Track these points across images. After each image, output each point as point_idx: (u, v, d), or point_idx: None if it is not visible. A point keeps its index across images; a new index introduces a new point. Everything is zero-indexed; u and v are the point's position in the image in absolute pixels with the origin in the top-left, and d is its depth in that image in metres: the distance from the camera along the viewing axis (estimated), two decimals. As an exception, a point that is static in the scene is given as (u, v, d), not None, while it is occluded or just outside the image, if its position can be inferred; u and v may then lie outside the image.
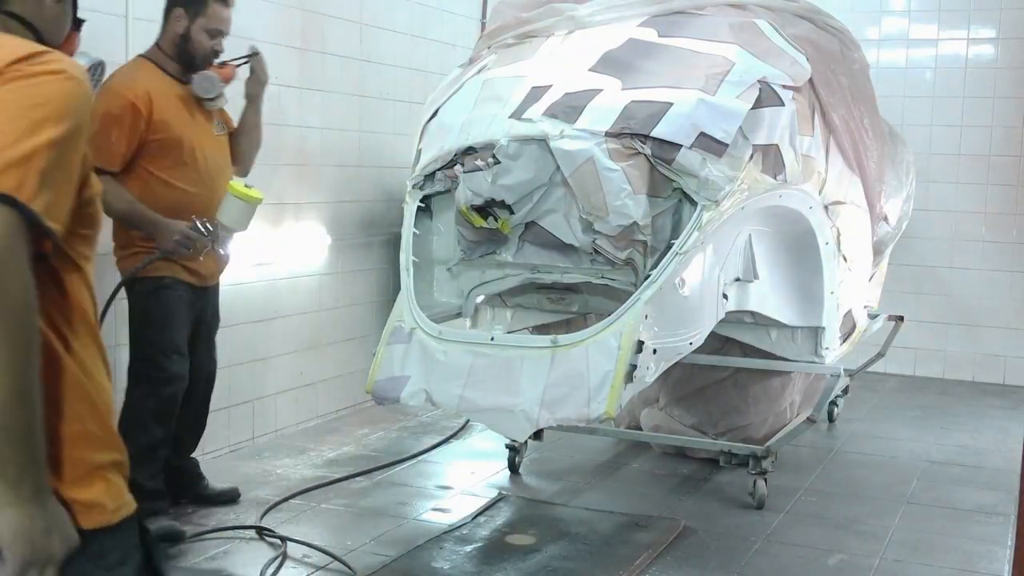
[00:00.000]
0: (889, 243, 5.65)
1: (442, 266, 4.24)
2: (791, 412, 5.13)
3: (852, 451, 5.35)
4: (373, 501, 4.45)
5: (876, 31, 7.16)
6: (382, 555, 3.84)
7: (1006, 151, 6.89)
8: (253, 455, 5.05)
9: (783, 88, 3.98)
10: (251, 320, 5.17)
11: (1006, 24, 6.87)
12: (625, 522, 4.22)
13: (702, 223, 3.63)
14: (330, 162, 5.68)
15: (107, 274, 3.88)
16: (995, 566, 3.87)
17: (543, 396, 3.43)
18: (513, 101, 3.88)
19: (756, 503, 4.42)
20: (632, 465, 5.04)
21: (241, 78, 4.27)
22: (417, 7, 6.38)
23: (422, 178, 4.05)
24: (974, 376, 7.06)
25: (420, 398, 3.62)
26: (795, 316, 4.56)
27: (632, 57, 3.96)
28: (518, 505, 4.42)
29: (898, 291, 6.98)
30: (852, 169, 4.72)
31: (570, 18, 4.31)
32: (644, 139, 3.62)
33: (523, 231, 4.03)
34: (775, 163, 3.97)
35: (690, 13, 4.24)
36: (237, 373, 5.09)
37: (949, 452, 5.38)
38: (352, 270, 5.92)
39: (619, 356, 3.39)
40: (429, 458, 5.10)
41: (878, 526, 4.25)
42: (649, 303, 3.51)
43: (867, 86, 5.03)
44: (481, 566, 3.78)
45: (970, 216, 7.01)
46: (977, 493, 4.71)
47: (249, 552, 3.86)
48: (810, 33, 4.50)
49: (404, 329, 3.74)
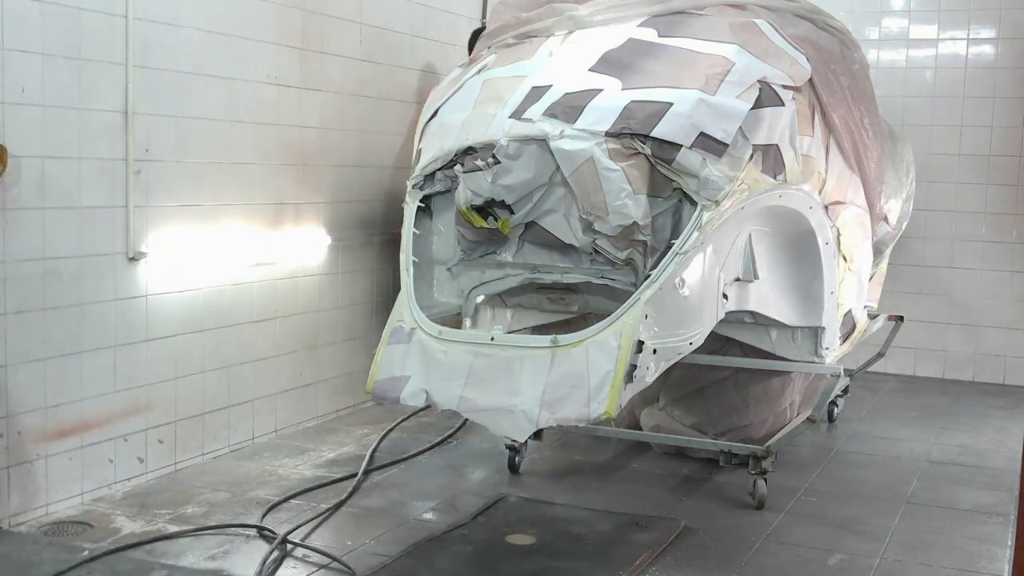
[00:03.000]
0: (889, 243, 5.66)
1: (442, 266, 4.24)
2: (791, 412, 5.13)
3: (852, 451, 5.35)
4: (373, 501, 4.45)
5: (876, 31, 7.16)
6: (382, 555, 3.84)
7: (1006, 151, 6.90)
8: (253, 455, 5.05)
9: (783, 88, 3.98)
10: (251, 320, 5.17)
11: (1006, 24, 6.87)
12: (625, 522, 4.22)
13: (702, 223, 3.63)
14: (330, 162, 5.68)
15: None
16: (995, 566, 3.87)
17: (543, 396, 3.43)
18: (513, 101, 3.88)
19: (756, 503, 4.42)
20: (632, 465, 5.04)
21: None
22: (417, 7, 6.38)
23: (422, 178, 4.06)
24: (974, 376, 7.06)
25: (420, 398, 3.62)
26: (795, 316, 4.56)
27: (632, 57, 3.96)
28: (518, 505, 4.42)
29: (898, 291, 6.99)
30: (852, 169, 4.72)
31: (570, 18, 4.31)
32: (644, 139, 3.62)
33: (523, 231, 4.03)
34: (775, 163, 3.97)
35: (690, 13, 4.24)
36: (237, 373, 5.10)
37: (949, 452, 5.38)
38: (352, 270, 5.92)
39: (619, 356, 3.39)
40: (429, 458, 5.10)
41: (878, 526, 4.25)
42: (649, 303, 3.51)
43: (867, 86, 5.03)
44: (481, 566, 3.77)
45: (970, 216, 7.01)
46: (977, 493, 4.71)
47: (249, 552, 3.86)
48: (810, 33, 4.50)
49: (404, 329, 3.74)
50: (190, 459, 4.84)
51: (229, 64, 4.92)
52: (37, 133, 4.02)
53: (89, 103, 4.23)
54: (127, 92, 4.38)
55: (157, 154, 4.56)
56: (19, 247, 3.98)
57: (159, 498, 4.39)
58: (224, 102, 4.91)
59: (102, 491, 4.39)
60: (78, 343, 4.24)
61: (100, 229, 4.31)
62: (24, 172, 3.97)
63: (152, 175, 4.54)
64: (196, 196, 4.78)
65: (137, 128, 4.44)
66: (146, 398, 4.59)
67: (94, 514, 4.19)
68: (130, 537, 3.94)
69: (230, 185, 4.97)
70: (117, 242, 4.39)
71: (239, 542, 3.96)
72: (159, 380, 4.65)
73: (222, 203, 4.93)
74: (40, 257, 4.06)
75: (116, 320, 4.41)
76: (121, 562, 3.70)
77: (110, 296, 4.37)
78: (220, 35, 4.86)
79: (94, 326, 4.31)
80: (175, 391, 4.74)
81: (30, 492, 4.09)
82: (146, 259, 4.51)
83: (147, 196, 4.52)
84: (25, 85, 3.96)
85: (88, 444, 4.32)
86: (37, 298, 4.06)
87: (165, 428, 4.70)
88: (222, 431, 5.03)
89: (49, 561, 3.67)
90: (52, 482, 4.18)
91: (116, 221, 4.38)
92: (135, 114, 4.42)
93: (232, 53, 4.95)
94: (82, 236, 4.24)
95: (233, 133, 4.98)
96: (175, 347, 4.72)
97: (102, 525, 4.07)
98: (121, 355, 4.45)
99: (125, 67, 4.37)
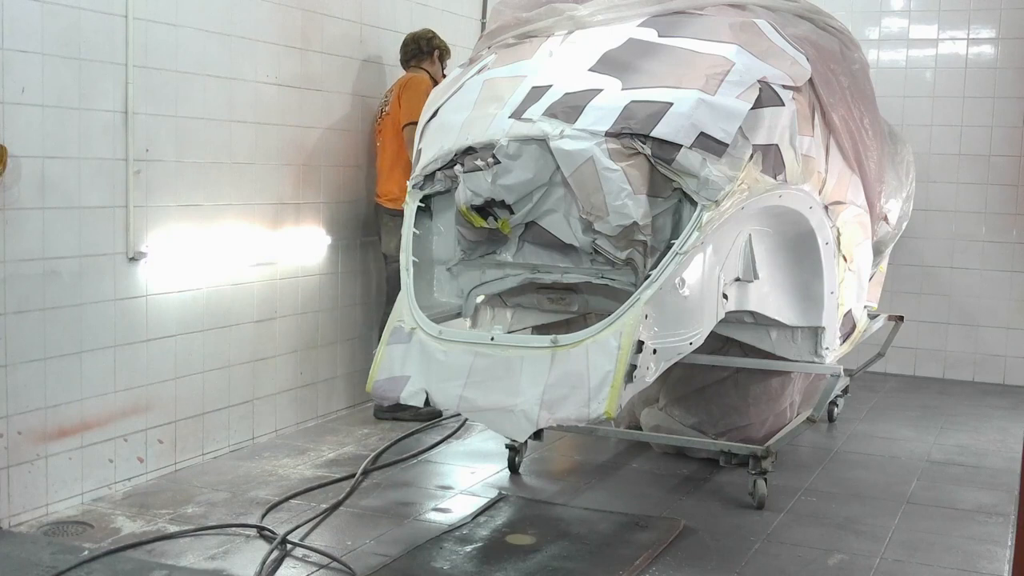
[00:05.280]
0: (889, 243, 5.66)
1: (442, 266, 4.24)
2: (791, 412, 5.13)
3: (852, 451, 5.35)
4: (373, 501, 4.45)
5: (876, 31, 7.16)
6: (382, 555, 3.84)
7: (1006, 151, 6.90)
8: (253, 455, 5.05)
9: (783, 88, 3.97)
10: (251, 320, 5.17)
11: (1006, 24, 6.87)
12: (625, 522, 4.22)
13: (702, 223, 3.63)
14: (330, 162, 5.68)
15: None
16: (995, 566, 3.87)
17: (543, 396, 3.43)
18: (513, 101, 3.88)
19: (756, 503, 4.42)
20: (632, 465, 5.04)
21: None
22: (417, 7, 6.38)
23: (422, 178, 4.05)
24: (974, 376, 7.06)
25: (420, 398, 3.62)
26: (795, 316, 4.56)
27: (632, 57, 3.96)
28: (518, 505, 4.42)
29: (898, 291, 6.99)
30: (852, 169, 4.72)
31: (570, 18, 4.31)
32: (644, 139, 3.61)
33: (523, 231, 4.03)
34: (775, 163, 3.96)
35: (690, 13, 4.24)
36: (237, 373, 5.10)
37: (949, 452, 5.38)
38: (352, 270, 5.92)
39: (619, 356, 3.39)
40: (429, 458, 5.10)
41: (878, 526, 4.26)
42: (649, 303, 3.51)
43: (867, 86, 5.03)
44: (481, 566, 3.78)
45: (970, 216, 7.01)
46: (977, 493, 4.71)
47: (249, 552, 3.86)
48: (810, 33, 4.50)
49: (404, 329, 3.74)
50: (190, 459, 4.84)
51: (229, 64, 4.93)
52: (37, 133, 4.02)
53: (89, 103, 4.23)
54: (127, 92, 4.38)
55: (157, 154, 4.56)
56: (19, 247, 3.98)
57: (159, 498, 4.39)
58: (224, 102, 4.91)
59: (102, 491, 4.39)
60: (78, 343, 4.24)
61: (100, 229, 4.31)
62: (24, 172, 3.97)
63: (152, 175, 4.54)
64: (196, 196, 4.78)
65: (137, 128, 4.44)
66: (146, 398, 4.59)
67: (94, 514, 4.19)
68: (130, 537, 3.94)
69: (230, 185, 4.98)
70: (117, 242, 4.39)
71: (239, 542, 3.96)
72: (159, 380, 4.65)
73: (222, 203, 4.94)
74: (40, 257, 4.06)
75: (116, 320, 4.41)
76: (121, 562, 3.70)
77: (110, 296, 4.37)
78: (220, 35, 4.87)
79: (94, 326, 4.31)
80: (175, 391, 4.74)
81: (30, 492, 4.09)
82: (146, 259, 4.51)
83: (147, 196, 4.52)
84: (25, 85, 3.96)
85: (88, 444, 4.32)
86: (37, 298, 4.06)
87: (165, 428, 4.70)
88: (222, 431, 5.03)
89: (49, 561, 3.67)
90: (52, 482, 4.18)
91: (116, 221, 4.38)
92: (135, 114, 4.42)
93: (232, 53, 4.96)
94: (82, 236, 4.24)
95: (233, 133, 4.98)
96: (175, 347, 4.72)
97: (102, 525, 4.07)
98: (121, 355, 4.45)
99: (125, 67, 4.37)
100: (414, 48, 5.87)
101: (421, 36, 5.89)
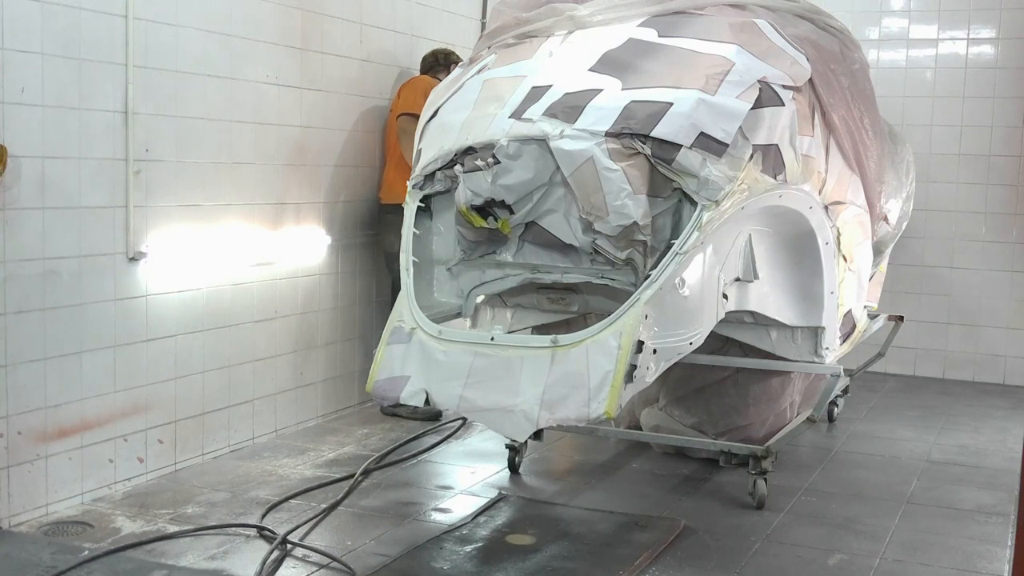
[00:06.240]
0: (889, 243, 5.66)
1: (442, 266, 4.24)
2: (791, 412, 5.13)
3: (852, 451, 5.35)
4: (373, 501, 4.45)
5: (876, 31, 7.16)
6: (382, 555, 3.84)
7: (1006, 151, 6.90)
8: (253, 455, 5.05)
9: (783, 88, 3.97)
10: (251, 320, 5.17)
11: (1006, 24, 6.87)
12: (625, 522, 4.22)
13: (702, 223, 3.63)
14: (330, 162, 5.68)
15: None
16: (995, 566, 3.87)
17: (543, 396, 3.43)
18: (513, 101, 3.88)
19: (756, 503, 4.42)
20: (632, 465, 5.04)
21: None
22: (417, 7, 6.38)
23: (422, 178, 4.05)
24: (974, 376, 7.06)
25: (420, 398, 3.62)
26: (795, 316, 4.56)
27: (632, 57, 3.96)
28: (518, 505, 4.42)
29: (898, 291, 6.99)
30: (852, 169, 4.72)
31: (570, 18, 4.31)
32: (644, 139, 3.61)
33: (523, 231, 4.03)
34: (775, 163, 3.96)
35: (690, 13, 4.23)
36: (237, 373, 5.10)
37: (949, 452, 5.38)
38: (352, 270, 5.92)
39: (619, 356, 3.39)
40: (429, 458, 5.10)
41: (878, 526, 4.26)
42: (649, 303, 3.51)
43: (867, 86, 5.03)
44: (481, 566, 3.78)
45: (970, 216, 7.01)
46: (977, 493, 4.71)
47: (249, 552, 3.86)
48: (810, 33, 4.50)
49: (404, 329, 3.74)
50: (190, 459, 4.84)
51: (229, 64, 4.93)
52: (37, 133, 4.02)
53: (89, 103, 4.23)
54: (127, 92, 4.38)
55: (157, 154, 4.56)
56: (19, 247, 3.98)
57: (159, 498, 4.39)
58: (224, 102, 4.91)
59: (102, 491, 4.39)
60: (78, 343, 4.24)
61: (100, 229, 4.31)
62: (24, 172, 3.97)
63: (152, 175, 4.54)
64: (196, 196, 4.78)
65: (137, 128, 4.44)
66: (146, 398, 4.59)
67: (94, 514, 4.19)
68: (130, 537, 3.94)
69: (230, 185, 4.98)
70: (117, 242, 4.39)
71: (239, 542, 3.96)
72: (159, 380, 4.65)
73: (222, 203, 4.94)
74: (40, 257, 4.06)
75: (116, 320, 4.41)
76: (121, 562, 3.70)
77: (110, 296, 4.37)
78: (220, 35, 4.87)
79: (94, 326, 4.31)
80: (175, 391, 4.74)
81: (30, 492, 4.09)
82: (146, 259, 4.51)
83: (147, 196, 4.52)
84: (25, 85, 3.96)
85: (88, 444, 4.32)
86: (37, 298, 4.06)
87: (165, 428, 4.70)
88: (222, 431, 5.03)
89: (49, 561, 3.67)
90: (52, 482, 4.18)
91: (116, 221, 4.38)
92: (135, 114, 4.42)
93: (232, 53, 4.96)
94: (82, 236, 4.24)
95: (233, 133, 4.98)
96: (175, 347, 4.72)
97: (102, 525, 4.07)
98: (121, 355, 4.45)
99: (125, 67, 4.37)
100: (431, 60, 6.06)
101: (441, 51, 6.09)
